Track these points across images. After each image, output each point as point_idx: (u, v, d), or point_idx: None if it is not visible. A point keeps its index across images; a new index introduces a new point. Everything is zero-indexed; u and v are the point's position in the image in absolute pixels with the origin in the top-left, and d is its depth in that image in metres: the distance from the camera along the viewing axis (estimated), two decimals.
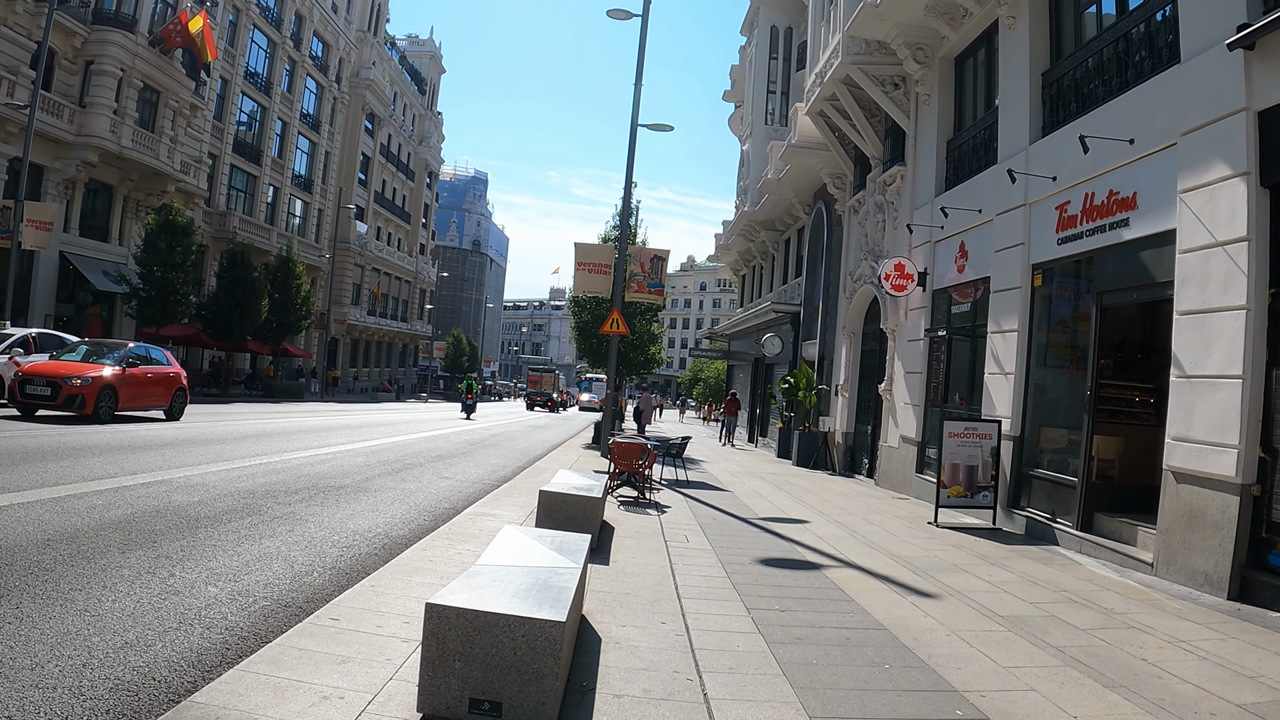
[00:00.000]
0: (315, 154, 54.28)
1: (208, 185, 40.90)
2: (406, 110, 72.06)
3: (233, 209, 44.12)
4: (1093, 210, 10.48)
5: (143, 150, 32.85)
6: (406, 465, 15.15)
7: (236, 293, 37.03)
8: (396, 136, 68.99)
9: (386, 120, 64.71)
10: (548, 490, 8.14)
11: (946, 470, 11.58)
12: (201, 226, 40.30)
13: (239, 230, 42.40)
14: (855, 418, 20.40)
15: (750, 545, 9.32)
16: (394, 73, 67.11)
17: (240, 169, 45.33)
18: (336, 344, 59.64)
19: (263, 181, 47.40)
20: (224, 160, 43.27)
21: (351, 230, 58.56)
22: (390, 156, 67.41)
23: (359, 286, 61.53)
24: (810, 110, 20.63)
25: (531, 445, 23.51)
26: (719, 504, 12.78)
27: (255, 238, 44.46)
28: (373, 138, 62.55)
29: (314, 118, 53.60)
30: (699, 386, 71.77)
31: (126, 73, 32.22)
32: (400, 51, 72.33)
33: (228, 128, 43.08)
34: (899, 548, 9.75)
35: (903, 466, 16.01)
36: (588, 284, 19.99)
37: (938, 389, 15.01)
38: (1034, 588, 7.91)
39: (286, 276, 42.02)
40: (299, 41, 50.23)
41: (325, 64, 54.39)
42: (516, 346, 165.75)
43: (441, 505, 10.75)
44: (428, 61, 78.94)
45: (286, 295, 41.79)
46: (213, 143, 41.71)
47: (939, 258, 15.39)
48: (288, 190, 50.53)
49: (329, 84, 54.73)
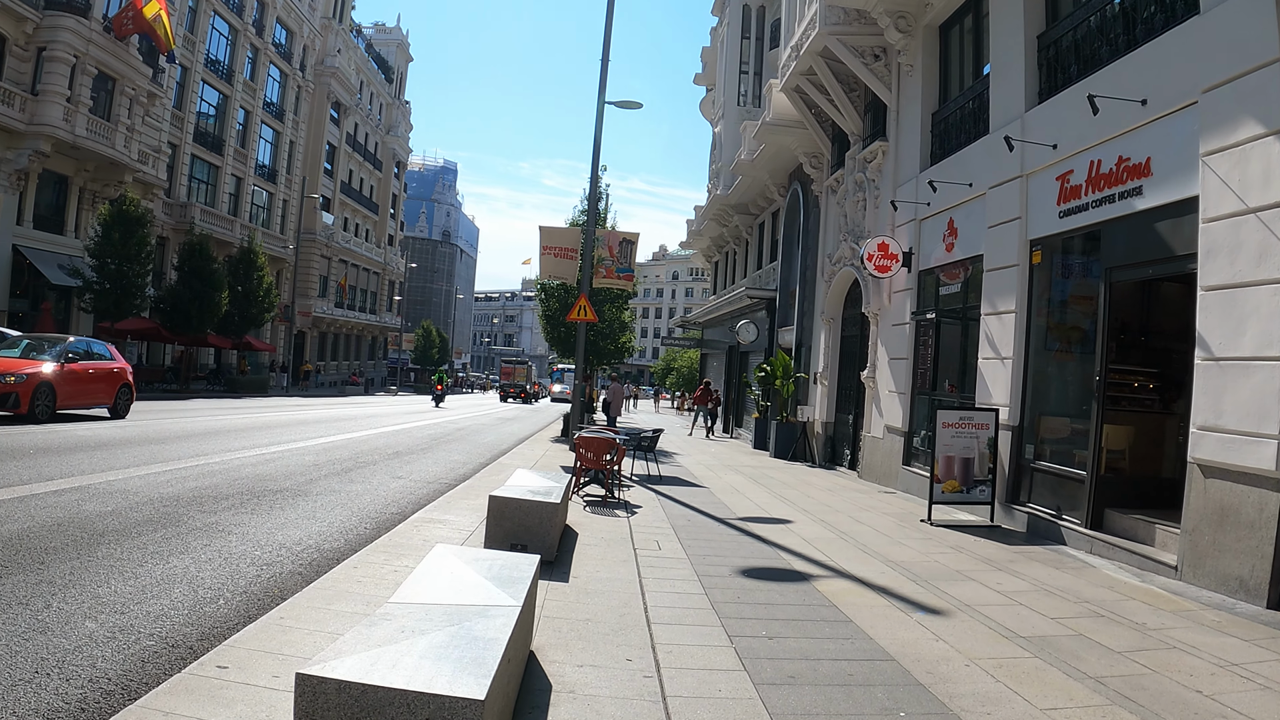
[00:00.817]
0: (279, 143, 52.71)
1: (167, 176, 39.52)
2: (373, 99, 70.37)
3: (194, 200, 42.68)
4: (1099, 179, 9.58)
5: (98, 139, 31.52)
6: (359, 464, 14.08)
7: (195, 285, 35.90)
8: (363, 126, 67.34)
9: (353, 109, 63.07)
10: (499, 496, 7.11)
11: (940, 463, 10.68)
12: (161, 218, 39.04)
13: (200, 222, 41.16)
14: (835, 407, 19.50)
15: (729, 551, 8.35)
16: (360, 61, 65.42)
17: (201, 159, 43.85)
18: (304, 337, 58.23)
19: (225, 172, 45.90)
20: (184, 150, 41.80)
21: (318, 221, 57.09)
22: (357, 146, 65.79)
23: (326, 278, 60.09)
24: (785, 86, 19.64)
25: (498, 439, 22.45)
26: (694, 502, 11.81)
27: (217, 229, 43.18)
28: (339, 127, 60.97)
29: (278, 106, 52.06)
30: (672, 376, 70.73)
31: (80, 59, 30.77)
32: (366, 39, 70.55)
33: (188, 116, 41.63)
34: (894, 551, 8.82)
35: (888, 458, 15.12)
36: (554, 269, 18.94)
37: (925, 376, 14.11)
38: (1051, 598, 7.00)
39: (248, 268, 40.82)
40: (261, 28, 48.66)
41: (289, 51, 52.85)
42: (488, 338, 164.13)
43: (387, 510, 9.70)
44: (395, 50, 77.20)
45: (248, 287, 40.63)
46: (172, 132, 40.22)
47: (925, 236, 14.48)
48: (251, 180, 49.03)
49: (293, 72, 53.19)
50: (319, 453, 15.16)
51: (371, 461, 14.59)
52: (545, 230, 18.98)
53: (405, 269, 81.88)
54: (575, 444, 11.03)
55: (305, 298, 55.74)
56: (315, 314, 57.41)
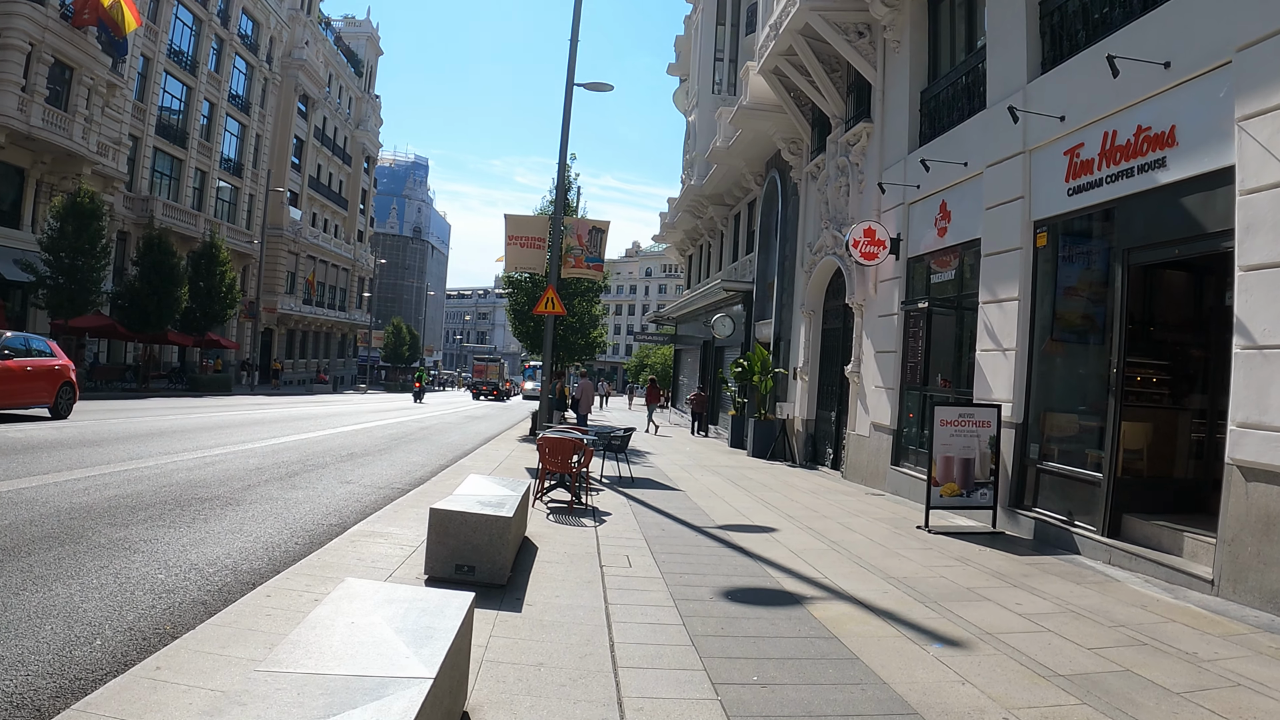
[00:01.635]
0: (245, 137, 51.21)
1: (128, 169, 38.19)
2: (342, 93, 68.78)
3: (156, 194, 41.18)
4: (1114, 152, 8.68)
5: (54, 130, 30.26)
6: (307, 467, 12.98)
7: (154, 281, 34.51)
8: (332, 120, 65.74)
9: (321, 102, 61.49)
10: (442, 509, 6.06)
11: (939, 465, 9.75)
12: (122, 212, 37.76)
13: (163, 216, 39.72)
14: (817, 403, 18.58)
15: (709, 568, 7.35)
16: (329, 53, 63.86)
17: (164, 152, 42.35)
18: (271, 334, 56.77)
19: (189, 165, 44.41)
20: (146, 143, 40.27)
21: (285, 216, 55.61)
22: (326, 140, 64.21)
23: (293, 275, 58.58)
24: (764, 68, 18.69)
25: (463, 439, 21.36)
26: (669, 508, 10.82)
27: (180, 224, 41.83)
28: (306, 120, 59.41)
29: (244, 99, 50.56)
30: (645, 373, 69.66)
31: (36, 47, 29.43)
32: (336, 32, 69.02)
33: (150, 108, 40.14)
34: (893, 564, 7.87)
35: (875, 457, 14.21)
36: (520, 260, 17.88)
37: (916, 370, 13.20)
38: (1082, 622, 6.07)
39: (210, 263, 39.42)
40: (227, 19, 47.18)
41: (255, 43, 51.39)
42: (460, 335, 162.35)
43: (326, 522, 8.63)
44: (364, 43, 75.64)
45: (210, 284, 39.24)
46: (134, 124, 38.73)
47: (914, 221, 13.58)
48: (216, 174, 47.56)
49: (259, 64, 51.72)
50: (266, 455, 14.03)
51: (321, 464, 13.48)
52: (511, 219, 17.92)
53: (375, 265, 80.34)
54: (538, 446, 10.01)
55: (272, 294, 54.27)
56: (282, 311, 55.93)
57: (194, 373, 41.91)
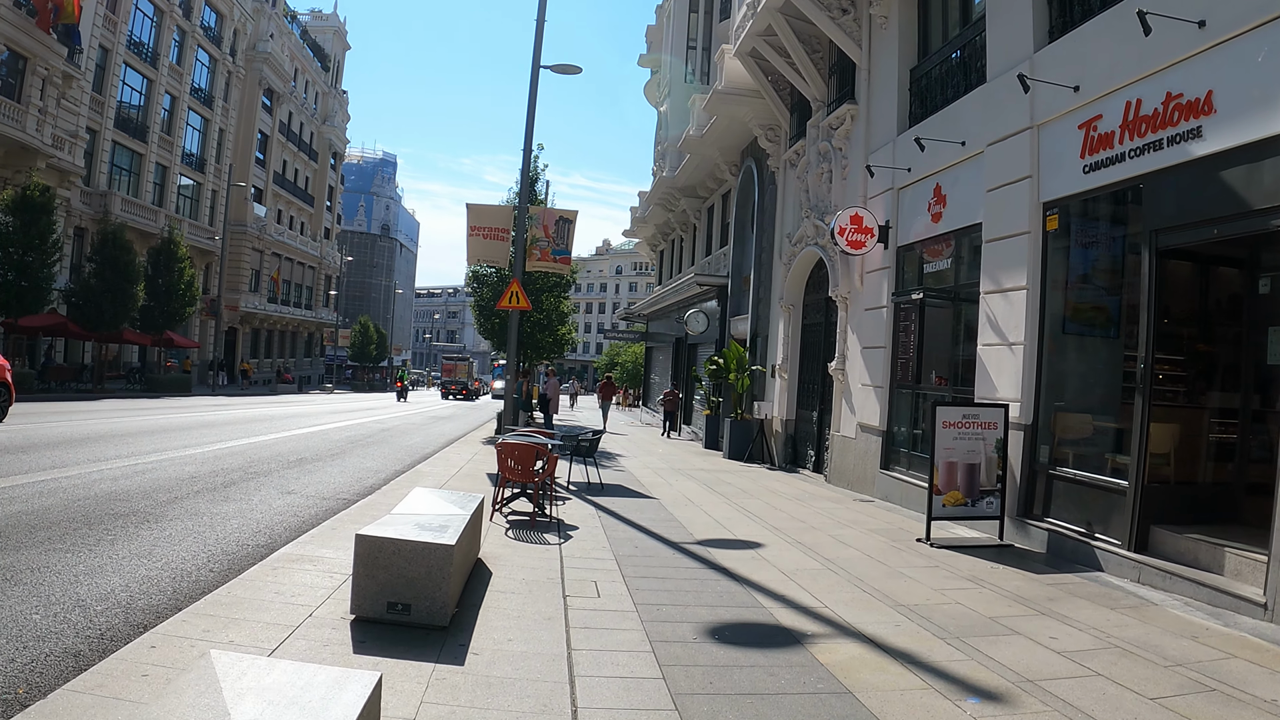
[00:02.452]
0: (208, 131, 49.58)
1: (86, 163, 36.59)
2: (309, 87, 67.09)
3: (115, 189, 39.54)
4: (1139, 123, 7.78)
5: (6, 122, 28.91)
6: (249, 475, 11.84)
7: (109, 278, 33.11)
8: (298, 115, 64.04)
9: (286, 97, 59.81)
10: (371, 535, 4.98)
11: (941, 471, 8.81)
12: (79, 207, 36.27)
13: (121, 212, 38.17)
14: (797, 402, 17.64)
15: (690, 596, 6.33)
16: (294, 47, 62.21)
17: (124, 146, 40.72)
18: (235, 334, 55.13)
19: (149, 160, 42.78)
20: (105, 136, 38.65)
21: (249, 213, 54.01)
22: (291, 136, 62.52)
23: (258, 272, 56.92)
24: (740, 50, 17.73)
25: (425, 441, 20.22)
26: (642, 519, 9.80)
27: (140, 220, 40.27)
28: (271, 115, 57.75)
29: (206, 93, 48.94)
30: (616, 371, 68.49)
31: None
32: (302, 26, 67.30)
33: (108, 101, 38.50)
34: (899, 588, 6.89)
35: (862, 460, 13.28)
36: (483, 252, 16.76)
37: (908, 366, 12.27)
38: (1132, 661, 5.14)
39: (169, 260, 37.96)
40: (189, 10, 45.56)
41: (219, 35, 49.82)
42: (429, 334, 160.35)
43: (254, 542, 7.53)
44: (331, 37, 73.93)
45: (169, 281, 37.79)
46: (92, 117, 37.16)
47: (905, 207, 12.66)
48: (177, 169, 45.92)
49: (223, 57, 50.14)
50: (206, 462, 12.86)
51: (265, 472, 12.34)
52: (474, 209, 16.80)
53: (342, 263, 78.60)
54: (498, 452, 8.95)
55: (235, 292, 52.66)
56: (246, 309, 54.32)
57: (152, 373, 40.32)
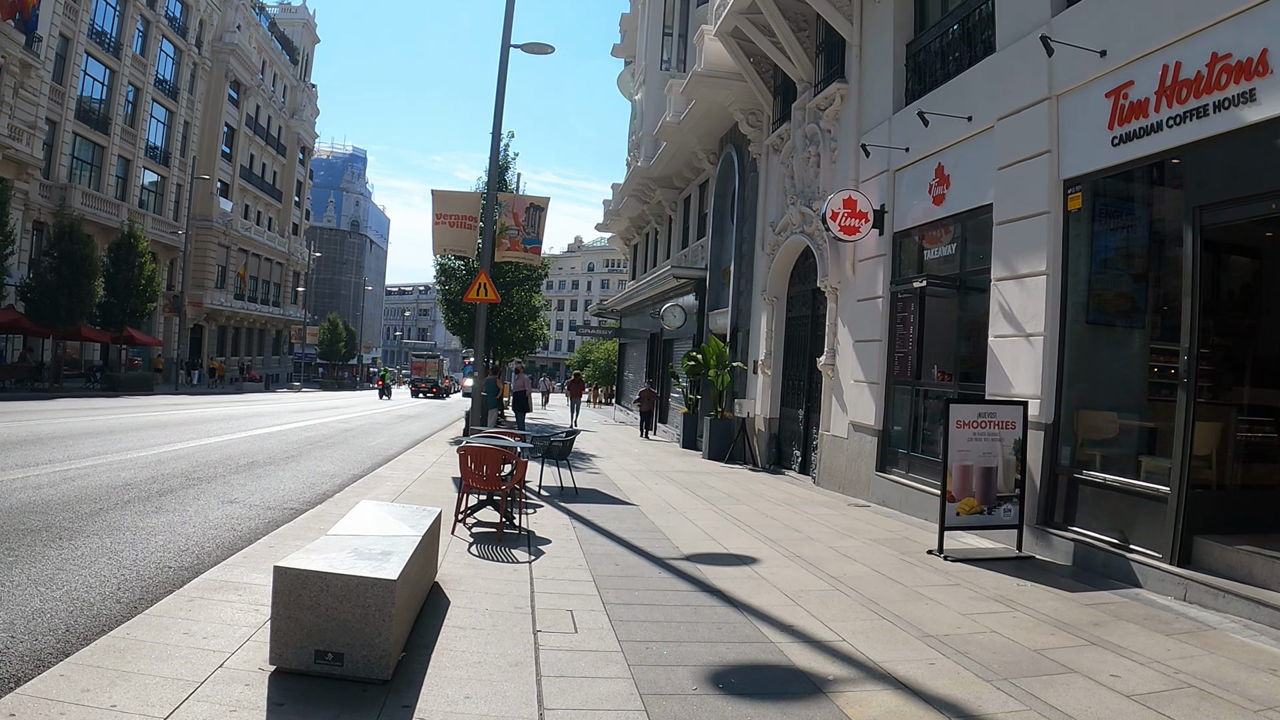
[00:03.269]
0: (173, 124, 47.90)
1: (45, 155, 35.10)
2: (277, 80, 65.39)
3: (75, 182, 37.94)
4: (1179, 88, 6.94)
5: None
6: (191, 481, 10.80)
7: (65, 272, 31.64)
8: (265, 108, 62.29)
9: (254, 90, 58.12)
10: (295, 568, 3.98)
11: (955, 476, 7.94)
12: (38, 201, 34.75)
13: (82, 205, 36.66)
14: (781, 400, 16.75)
15: (684, 629, 5.39)
16: (262, 39, 60.59)
17: (85, 138, 39.10)
18: (201, 331, 53.49)
19: (111, 153, 41.14)
20: (65, 128, 37.04)
21: (214, 207, 52.42)
22: (259, 129, 60.79)
23: (224, 268, 55.26)
24: (721, 30, 16.80)
25: (388, 441, 19.17)
26: (622, 530, 8.85)
27: (101, 214, 38.76)
28: (238, 108, 56.05)
29: (171, 84, 47.28)
30: (588, 369, 67.37)
31: None
32: (270, 18, 65.59)
33: (69, 91, 36.88)
34: (922, 613, 6.00)
35: (855, 462, 12.41)
36: (448, 240, 15.69)
37: (906, 361, 11.41)
38: (1214, 705, 4.29)
39: (128, 254, 36.45)
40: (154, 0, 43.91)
41: (184, 26, 48.20)
42: (400, 332, 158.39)
43: (177, 563, 6.53)
44: (300, 29, 72.19)
45: (128, 275, 36.28)
46: (51, 108, 35.58)
47: (902, 190, 11.79)
48: (141, 162, 44.28)
49: (188, 48, 48.52)
50: (146, 466, 11.78)
51: (209, 478, 11.29)
52: (439, 195, 15.73)
53: (310, 259, 76.88)
54: (460, 457, 7.96)
55: (201, 289, 51.17)
56: (213, 306, 52.69)
57: (112, 371, 38.78)
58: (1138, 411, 7.76)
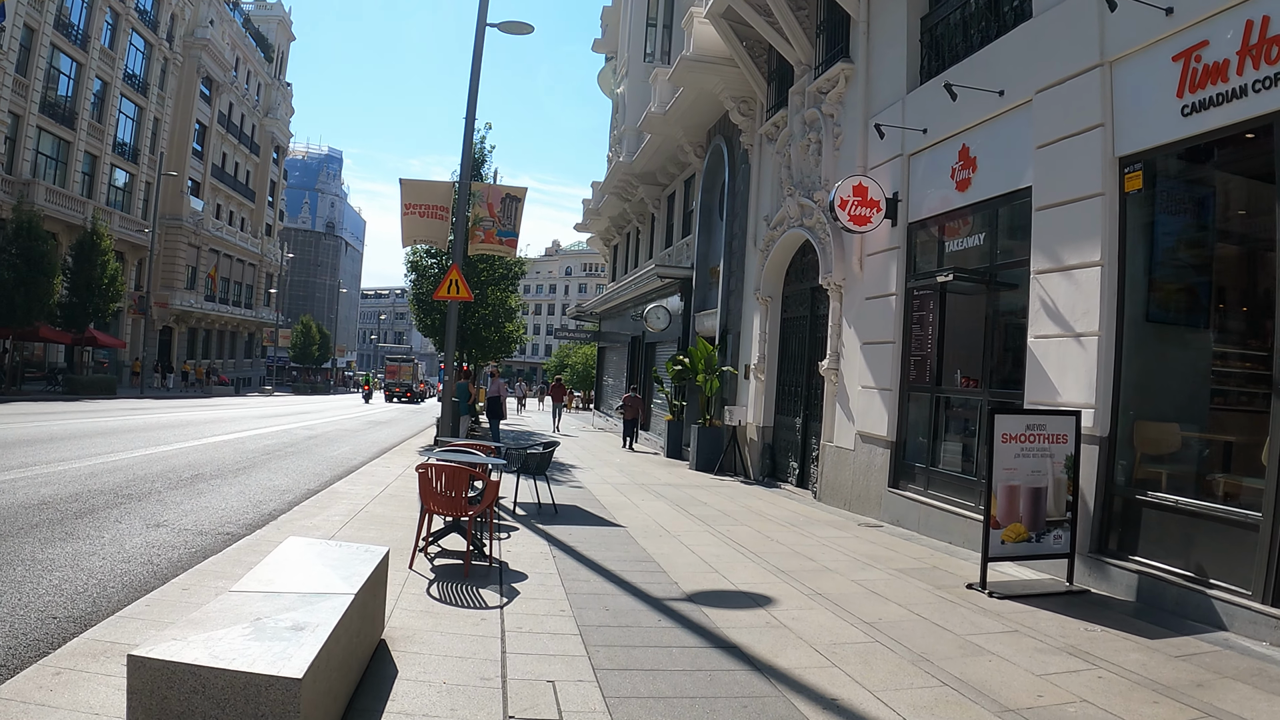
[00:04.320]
0: (143, 120, 46.09)
1: (7, 149, 33.60)
2: (251, 78, 63.59)
3: (39, 178, 36.20)
4: (1268, 47, 5.89)
5: None
6: (120, 498, 9.52)
7: (21, 269, 30.04)
8: (239, 106, 60.48)
9: (227, 87, 56.33)
10: (153, 659, 2.79)
11: (1000, 498, 6.82)
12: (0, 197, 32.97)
13: (45, 202, 35.00)
14: (775, 407, 15.61)
15: (700, 709, 4.19)
16: (236, 35, 58.84)
17: (49, 132, 37.35)
18: (171, 333, 51.70)
19: (77, 148, 39.36)
20: (28, 121, 35.27)
21: (185, 206, 50.57)
22: (232, 128, 58.99)
23: (195, 269, 53.46)
24: (713, 11, 15.67)
25: (354, 450, 17.88)
26: (609, 560, 7.67)
27: (66, 211, 37.07)
28: (210, 105, 54.24)
29: (141, 79, 45.48)
30: (567, 373, 65.96)
31: None
32: (245, 14, 63.89)
33: (33, 84, 35.13)
34: (988, 674, 4.84)
35: (864, 476, 11.28)
36: (419, 231, 14.41)
37: (925, 365, 10.30)
38: None
39: (90, 252, 34.81)
40: None
41: (155, 20, 46.42)
42: (376, 335, 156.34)
43: (66, 610, 5.30)
44: (275, 27, 70.44)
45: (90, 274, 34.66)
46: (14, 101, 33.88)
47: (918, 176, 10.70)
48: (108, 159, 42.45)
49: (159, 42, 46.74)
50: (74, 480, 10.47)
51: (142, 494, 10.01)
52: (409, 184, 14.45)
53: (284, 261, 75.04)
54: (419, 477, 6.74)
55: (170, 289, 49.43)
56: (182, 307, 50.87)
57: (73, 374, 37.08)
58: (1208, 423, 6.69)
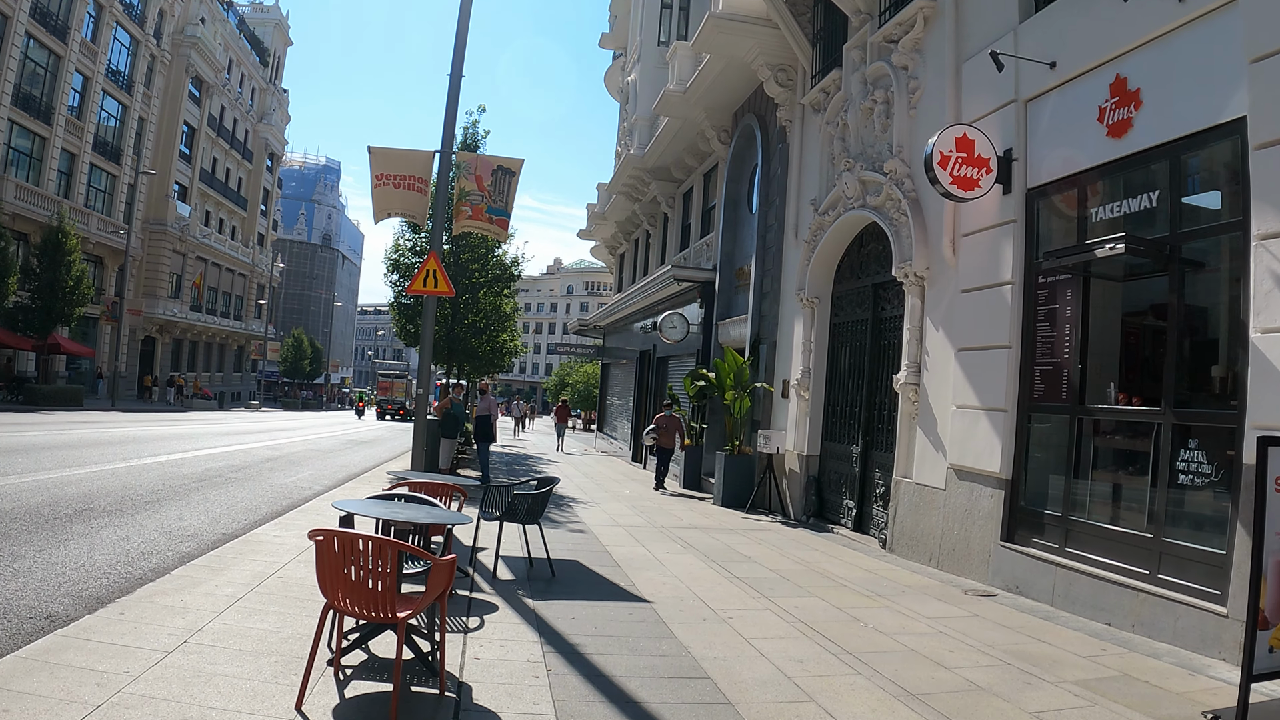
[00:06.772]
0: (126, 119, 43.73)
1: None
2: (244, 81, 61.34)
3: (10, 174, 33.91)
4: None
5: None
6: None
7: None
8: (231, 110, 58.06)
9: (218, 89, 53.97)
10: None
11: (1271, 581, 4.13)
12: None
13: (15, 200, 32.82)
14: (823, 432, 12.84)
15: None
16: (229, 36, 56.73)
17: (23, 127, 35.02)
18: (154, 343, 49.19)
19: (53, 145, 37.07)
20: None
21: (170, 210, 48.08)
22: (223, 131, 56.57)
23: (180, 277, 50.99)
24: None
25: (313, 476, 15.18)
26: (634, 675, 4.92)
27: (38, 209, 34.75)
28: (200, 107, 51.92)
29: (125, 76, 43.18)
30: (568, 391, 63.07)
31: None
32: (239, 15, 61.82)
33: (5, 75, 32.92)
34: None
35: (961, 524, 8.54)
36: (393, 203, 11.55)
37: (1060, 376, 7.58)
38: None
39: (55, 251, 32.31)
40: None
41: (142, 15, 44.18)
42: (373, 351, 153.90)
43: None
44: (271, 30, 68.35)
45: (53, 275, 32.19)
46: None
47: (1039, 128, 8.03)
48: (88, 157, 40.10)
49: (146, 38, 44.45)
50: None
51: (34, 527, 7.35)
52: (378, 153, 11.64)
53: (273, 271, 72.49)
54: (316, 552, 4.01)
55: (153, 297, 47.01)
56: (165, 316, 48.34)
57: (33, 384, 34.41)
58: None
